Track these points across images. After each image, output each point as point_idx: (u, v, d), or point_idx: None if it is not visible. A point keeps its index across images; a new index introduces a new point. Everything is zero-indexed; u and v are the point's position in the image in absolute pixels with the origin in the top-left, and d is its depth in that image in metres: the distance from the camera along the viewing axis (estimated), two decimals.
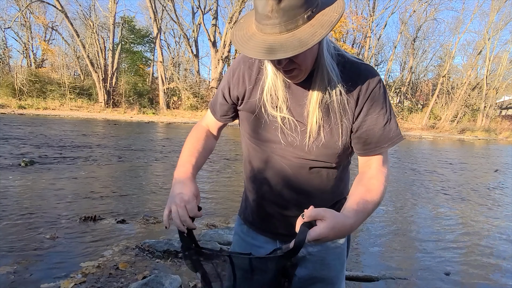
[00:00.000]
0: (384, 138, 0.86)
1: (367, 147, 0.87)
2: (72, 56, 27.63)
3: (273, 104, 0.86)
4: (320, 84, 0.81)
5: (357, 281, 2.50)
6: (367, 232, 3.61)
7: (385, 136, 0.86)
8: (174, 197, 0.84)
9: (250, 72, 0.91)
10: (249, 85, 0.91)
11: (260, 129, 0.91)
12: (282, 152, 0.90)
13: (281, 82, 0.85)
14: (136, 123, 18.90)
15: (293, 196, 0.93)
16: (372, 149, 0.87)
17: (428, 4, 30.18)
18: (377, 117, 0.84)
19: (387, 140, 0.86)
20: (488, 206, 5.04)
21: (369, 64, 0.88)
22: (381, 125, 0.85)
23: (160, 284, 2.06)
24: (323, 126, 0.84)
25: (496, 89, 30.76)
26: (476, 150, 15.71)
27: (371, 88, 0.83)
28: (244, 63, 0.92)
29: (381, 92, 0.85)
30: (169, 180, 5.43)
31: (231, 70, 0.96)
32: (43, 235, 2.89)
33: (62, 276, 2.25)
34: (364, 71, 0.84)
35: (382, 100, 0.85)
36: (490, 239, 3.60)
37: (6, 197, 3.87)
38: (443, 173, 7.85)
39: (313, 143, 0.85)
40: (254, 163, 0.97)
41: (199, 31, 29.15)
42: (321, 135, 0.84)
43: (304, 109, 0.85)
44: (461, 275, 2.73)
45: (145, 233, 3.13)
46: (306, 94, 0.84)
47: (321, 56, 0.80)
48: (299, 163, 0.89)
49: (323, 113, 0.83)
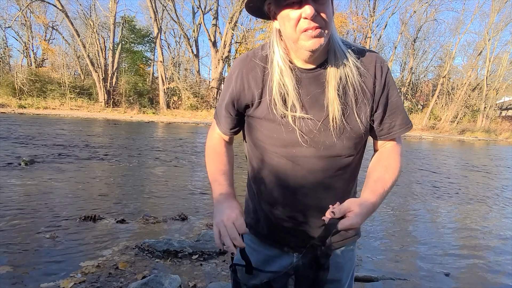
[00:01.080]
0: (405, 120, 0.89)
1: (392, 129, 0.88)
2: (72, 55, 27.64)
3: (285, 103, 0.81)
4: (335, 69, 0.79)
5: (356, 281, 2.49)
6: (367, 232, 3.61)
7: (405, 117, 0.89)
8: (221, 216, 0.81)
9: (255, 74, 0.85)
10: (257, 89, 0.84)
11: (276, 133, 0.84)
12: (304, 155, 0.83)
13: (290, 76, 0.80)
14: (136, 123, 18.90)
15: (318, 201, 0.87)
16: (397, 131, 0.88)
17: (429, 4, 30.19)
18: (397, 100, 0.87)
19: (408, 122, 0.89)
20: (488, 207, 5.03)
21: (375, 52, 0.89)
22: (401, 107, 0.88)
23: (159, 284, 2.06)
24: (344, 113, 0.80)
25: (496, 90, 30.75)
26: (476, 151, 15.71)
27: (385, 72, 0.84)
28: (244, 67, 0.87)
29: (392, 76, 0.87)
30: (169, 179, 5.43)
31: (231, 80, 0.89)
32: (42, 235, 2.89)
33: (61, 275, 2.25)
34: (375, 57, 0.85)
35: (394, 84, 0.87)
36: (490, 240, 3.60)
37: (6, 197, 3.87)
38: (443, 174, 7.85)
39: (338, 131, 0.81)
40: (269, 174, 0.89)
41: (199, 31, 29.16)
42: (344, 122, 0.81)
43: (321, 99, 0.80)
44: (461, 275, 2.73)
45: (145, 233, 3.13)
46: (321, 82, 0.80)
47: (333, 40, 0.79)
48: (323, 165, 0.84)
49: (343, 99, 0.80)
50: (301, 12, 0.71)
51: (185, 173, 6.03)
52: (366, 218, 0.75)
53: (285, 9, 0.73)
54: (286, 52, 0.82)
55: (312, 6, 0.70)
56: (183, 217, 3.58)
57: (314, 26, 0.72)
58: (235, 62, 0.91)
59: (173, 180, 5.41)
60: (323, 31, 0.74)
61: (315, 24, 0.72)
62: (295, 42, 0.76)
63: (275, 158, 0.87)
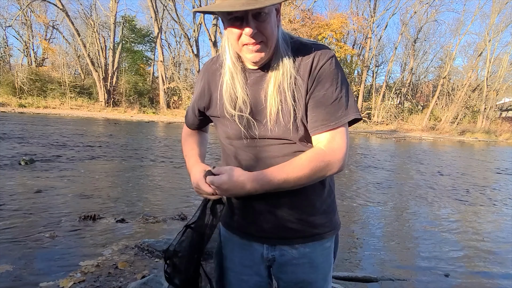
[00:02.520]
0: (331, 117, 0.83)
1: (314, 124, 0.85)
2: (72, 55, 27.67)
3: (232, 103, 0.88)
4: (276, 69, 0.84)
5: (356, 281, 2.49)
6: (366, 232, 3.61)
7: (331, 114, 0.83)
8: (192, 180, 0.96)
9: (214, 78, 0.94)
10: (215, 92, 0.93)
11: (228, 128, 0.93)
12: (249, 147, 0.91)
13: (240, 78, 0.87)
14: (136, 122, 18.90)
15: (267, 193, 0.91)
16: (319, 127, 0.84)
17: (429, 5, 30.21)
18: (324, 94, 0.83)
19: (334, 119, 0.83)
20: (488, 207, 5.03)
21: (323, 44, 0.88)
22: (327, 102, 0.84)
23: (159, 284, 2.06)
24: (280, 110, 0.85)
25: (497, 91, 30.74)
26: (476, 152, 15.71)
27: (321, 64, 0.84)
28: (207, 71, 0.96)
29: (332, 69, 0.84)
30: (169, 179, 5.43)
31: (197, 82, 1.00)
32: (42, 234, 2.89)
33: (61, 275, 2.25)
34: (315, 50, 0.85)
35: (332, 77, 0.84)
36: (490, 240, 3.60)
37: (5, 196, 3.87)
38: (442, 174, 7.85)
39: (276, 126, 0.86)
40: (231, 163, 0.97)
41: (199, 30, 29.15)
42: (281, 118, 0.85)
43: (262, 96, 0.87)
44: (461, 276, 2.72)
45: (145, 233, 3.13)
46: (264, 81, 0.87)
47: (278, 46, 0.84)
48: (269, 152, 0.90)
49: (281, 97, 0.85)
50: (241, 30, 0.78)
51: (185, 173, 6.03)
52: (235, 189, 0.83)
53: (229, 24, 0.80)
54: (238, 54, 0.88)
55: (251, 26, 0.77)
56: (182, 217, 3.58)
57: (253, 42, 0.79)
58: (203, 66, 1.02)
59: (173, 180, 5.41)
60: (264, 45, 0.81)
61: (254, 41, 0.79)
62: (239, 52, 0.84)
63: (227, 150, 0.98)
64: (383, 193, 5.56)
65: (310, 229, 0.92)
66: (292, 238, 0.92)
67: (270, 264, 0.97)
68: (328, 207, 0.95)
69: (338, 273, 2.54)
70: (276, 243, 0.94)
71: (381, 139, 19.64)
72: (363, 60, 31.85)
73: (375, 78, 34.95)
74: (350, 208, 4.52)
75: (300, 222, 0.91)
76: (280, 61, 0.84)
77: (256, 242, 0.96)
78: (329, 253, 0.98)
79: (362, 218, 4.15)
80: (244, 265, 0.99)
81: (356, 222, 4.00)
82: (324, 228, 0.94)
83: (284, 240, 0.93)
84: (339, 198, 4.97)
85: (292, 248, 0.93)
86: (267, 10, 0.77)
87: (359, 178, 6.67)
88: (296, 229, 0.91)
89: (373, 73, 34.50)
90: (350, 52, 29.76)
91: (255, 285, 0.99)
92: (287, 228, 0.91)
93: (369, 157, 10.46)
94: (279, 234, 0.92)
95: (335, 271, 2.61)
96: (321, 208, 0.93)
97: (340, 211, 4.18)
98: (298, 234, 0.92)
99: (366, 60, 31.75)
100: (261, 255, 0.95)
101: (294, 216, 0.91)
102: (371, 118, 29.65)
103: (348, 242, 3.28)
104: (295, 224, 0.91)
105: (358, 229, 3.73)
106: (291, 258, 0.93)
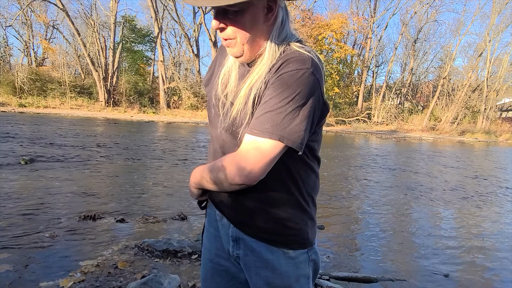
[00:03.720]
0: (257, 124, 0.75)
1: (235, 126, 0.83)
2: (73, 54, 27.66)
3: (223, 91, 0.89)
4: (255, 70, 0.82)
5: (356, 282, 2.50)
6: (366, 233, 3.61)
7: (259, 122, 0.75)
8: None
9: (222, 60, 0.95)
10: (217, 70, 0.95)
11: (213, 116, 0.94)
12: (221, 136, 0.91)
13: (236, 69, 0.88)
14: (136, 122, 18.90)
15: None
16: (237, 129, 0.82)
17: (429, 5, 30.20)
18: (266, 101, 0.75)
19: (259, 127, 0.74)
20: (487, 208, 5.03)
21: (310, 54, 0.78)
22: (264, 110, 0.75)
23: (159, 284, 2.06)
24: (241, 110, 0.82)
25: (497, 91, 30.73)
26: (476, 152, 15.71)
27: (282, 72, 0.75)
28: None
29: (291, 81, 0.73)
30: (169, 179, 5.43)
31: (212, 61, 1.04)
32: (42, 234, 2.89)
33: (61, 274, 2.25)
34: (292, 57, 0.76)
35: (284, 87, 0.73)
36: (489, 241, 3.60)
37: (5, 196, 3.86)
38: (442, 175, 7.85)
39: (239, 124, 0.83)
40: (210, 148, 1.00)
41: (200, 30, 29.17)
42: (242, 118, 0.82)
43: (240, 91, 0.85)
44: (460, 276, 2.73)
45: (145, 233, 3.13)
46: (245, 77, 0.85)
47: (269, 46, 0.81)
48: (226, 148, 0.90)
49: (246, 98, 0.81)
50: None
51: (185, 173, 6.03)
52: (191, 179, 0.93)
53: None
54: None
55: (218, 21, 0.78)
56: (182, 217, 3.58)
57: (223, 38, 0.81)
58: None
59: (173, 180, 5.41)
60: (235, 41, 0.80)
61: (223, 36, 0.80)
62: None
63: (212, 134, 0.98)
64: (382, 193, 5.56)
65: (268, 233, 0.89)
66: (250, 234, 0.89)
67: (238, 262, 0.96)
68: (285, 217, 0.89)
69: (338, 273, 2.54)
70: (239, 237, 0.92)
71: (381, 139, 19.64)
72: (363, 60, 31.84)
73: (375, 78, 34.99)
74: (349, 208, 4.52)
75: (257, 220, 0.89)
76: (261, 63, 0.81)
77: (224, 234, 0.96)
78: (295, 264, 0.90)
79: (362, 218, 4.15)
80: (220, 256, 0.99)
81: (356, 222, 4.00)
82: (284, 239, 0.89)
83: (242, 226, 0.91)
84: (339, 198, 4.97)
85: (255, 248, 0.90)
86: (237, 7, 0.74)
87: (359, 178, 6.67)
88: (253, 225, 0.89)
89: (373, 73, 34.53)
90: (350, 52, 29.74)
91: (233, 273, 0.99)
92: (245, 212, 0.89)
93: (369, 157, 10.45)
94: (237, 217, 0.91)
95: (335, 271, 2.61)
96: (277, 215, 0.88)
97: (340, 211, 4.17)
98: (256, 232, 0.89)
99: (366, 60, 31.75)
100: (227, 251, 0.96)
101: (251, 210, 0.89)
102: (371, 119, 29.63)
103: (348, 242, 3.28)
104: (251, 219, 0.89)
105: (358, 229, 3.73)
106: (255, 260, 0.90)
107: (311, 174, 0.93)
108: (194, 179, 0.92)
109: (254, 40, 0.80)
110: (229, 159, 0.79)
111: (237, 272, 0.98)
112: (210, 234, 1.02)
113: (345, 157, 9.81)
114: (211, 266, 1.01)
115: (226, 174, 0.78)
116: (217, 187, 0.84)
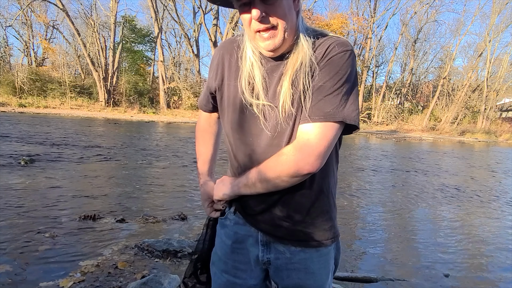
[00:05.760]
0: (316, 111, 0.76)
1: (302, 116, 0.79)
2: (73, 55, 27.68)
3: (252, 92, 0.84)
4: (294, 60, 0.79)
5: (356, 282, 2.49)
6: (367, 233, 3.61)
7: (317, 108, 0.76)
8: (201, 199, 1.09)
9: (230, 59, 0.90)
10: (228, 72, 0.89)
11: (242, 121, 0.87)
12: (261, 139, 0.86)
13: (259, 67, 0.83)
14: (136, 122, 18.90)
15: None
16: (304, 118, 0.78)
17: (429, 6, 30.21)
18: (321, 85, 0.77)
19: (319, 113, 0.76)
20: (487, 208, 5.03)
21: (344, 38, 0.82)
22: (321, 95, 0.77)
23: (159, 284, 2.06)
24: (293, 102, 0.80)
25: (497, 91, 30.75)
26: (476, 152, 15.71)
27: (331, 55, 0.77)
28: (224, 48, 0.92)
29: (341, 62, 0.77)
30: (169, 179, 5.43)
31: (212, 59, 0.96)
32: (42, 234, 2.89)
33: (61, 275, 2.25)
34: (334, 42, 0.79)
35: (337, 70, 0.76)
36: (489, 241, 3.60)
37: (5, 196, 3.86)
38: (442, 175, 7.85)
39: (287, 118, 0.81)
40: (240, 158, 0.92)
41: (200, 30, 29.18)
42: (292, 110, 0.80)
43: (277, 87, 0.82)
44: (460, 276, 2.72)
45: (144, 233, 3.13)
46: (280, 71, 0.82)
47: (299, 35, 0.80)
48: (276, 150, 0.85)
49: (295, 88, 0.80)
50: (250, 15, 0.74)
51: (185, 173, 6.03)
52: (221, 192, 0.94)
53: (240, 11, 0.77)
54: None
55: (259, 9, 0.73)
56: (182, 217, 3.58)
57: (264, 27, 0.75)
58: (219, 44, 0.98)
59: (173, 180, 5.40)
60: (275, 31, 0.76)
61: (265, 26, 0.75)
62: (252, 40, 0.80)
63: (232, 141, 0.93)
64: (383, 193, 5.56)
65: (303, 233, 0.89)
66: (284, 239, 0.89)
67: (267, 267, 0.95)
68: (322, 212, 0.90)
69: (338, 273, 2.54)
70: (270, 241, 0.91)
71: (381, 139, 19.64)
72: (363, 60, 31.85)
73: (375, 78, 35.02)
74: (350, 208, 4.51)
75: (292, 223, 0.88)
76: (299, 51, 0.79)
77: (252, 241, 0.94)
78: (326, 260, 0.93)
79: (362, 218, 4.15)
80: (237, 269, 0.96)
81: (356, 222, 3.99)
82: (320, 235, 0.89)
83: (277, 238, 0.90)
84: (339, 197, 4.97)
85: (286, 250, 0.90)
86: None
87: (359, 178, 6.67)
88: (288, 229, 0.88)
89: (373, 73, 34.56)
90: None
91: (250, 286, 0.97)
92: (280, 227, 0.89)
93: (369, 157, 10.45)
94: (272, 232, 0.90)
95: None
96: (314, 212, 0.89)
97: (340, 211, 4.16)
98: (291, 236, 0.89)
99: (366, 61, 31.76)
100: (256, 257, 0.93)
101: (286, 215, 0.88)
102: (371, 119, 29.65)
103: (348, 242, 3.28)
104: (287, 224, 0.88)
105: (358, 229, 3.73)
106: (286, 262, 0.91)
107: (336, 164, 0.94)
108: (225, 190, 0.92)
109: (291, 27, 0.78)
110: (293, 151, 0.77)
111: (253, 286, 0.96)
112: (226, 246, 0.98)
113: (345, 157, 9.81)
114: (226, 278, 0.98)
115: (290, 166, 0.77)
116: (268, 186, 0.81)
